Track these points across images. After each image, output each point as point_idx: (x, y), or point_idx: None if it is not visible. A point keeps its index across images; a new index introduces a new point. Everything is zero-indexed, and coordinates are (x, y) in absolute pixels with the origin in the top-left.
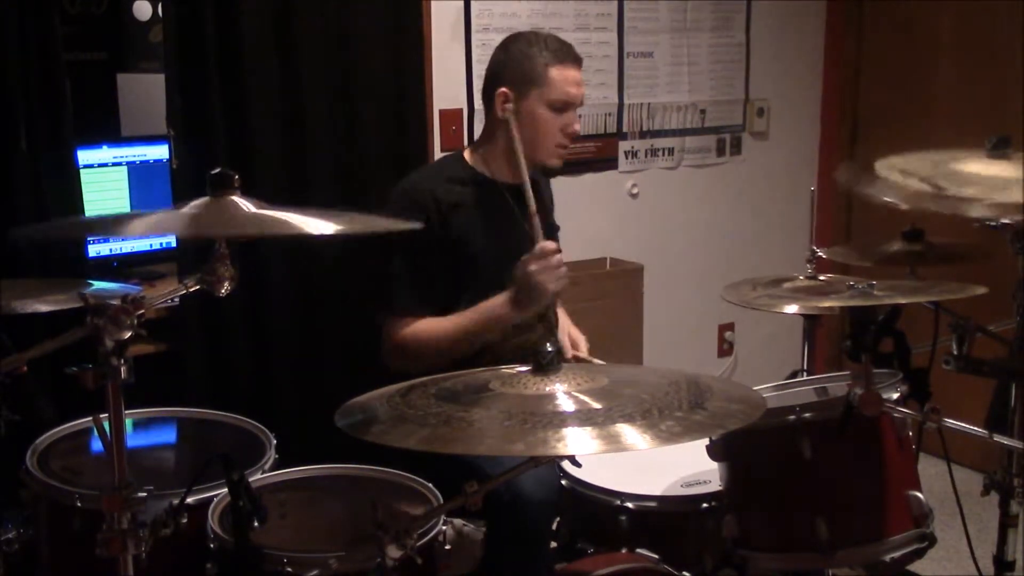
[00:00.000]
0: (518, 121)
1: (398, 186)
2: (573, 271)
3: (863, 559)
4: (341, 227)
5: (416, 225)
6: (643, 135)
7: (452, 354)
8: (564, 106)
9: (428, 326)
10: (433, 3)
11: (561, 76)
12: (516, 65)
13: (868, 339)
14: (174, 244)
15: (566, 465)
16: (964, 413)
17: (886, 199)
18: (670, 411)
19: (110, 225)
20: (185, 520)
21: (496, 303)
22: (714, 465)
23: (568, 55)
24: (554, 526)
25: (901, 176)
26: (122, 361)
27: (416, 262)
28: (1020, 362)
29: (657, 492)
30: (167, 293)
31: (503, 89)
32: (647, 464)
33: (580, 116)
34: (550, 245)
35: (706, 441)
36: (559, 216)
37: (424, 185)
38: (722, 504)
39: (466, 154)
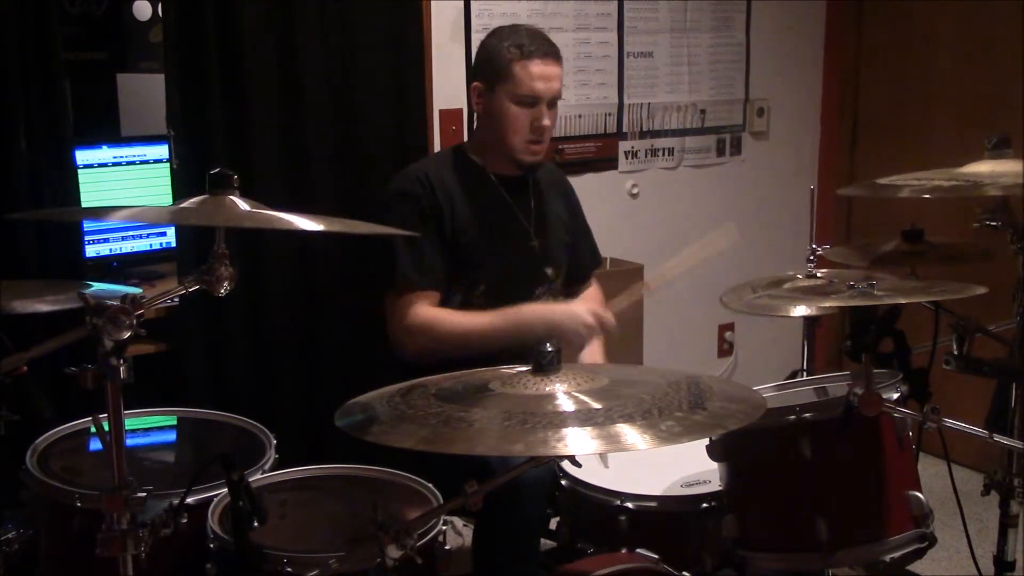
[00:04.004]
0: (489, 115)
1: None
2: None
3: (863, 559)
4: (325, 226)
5: (405, 233)
6: (643, 135)
7: (475, 348)
8: (531, 101)
9: (453, 316)
10: (433, 3)
11: (525, 71)
12: (486, 60)
13: (868, 339)
14: (173, 244)
15: (566, 465)
16: (964, 413)
17: (903, 195)
18: (670, 411)
19: (103, 210)
20: (185, 520)
21: (530, 311)
22: (714, 465)
23: (537, 50)
24: (553, 526)
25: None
26: (121, 361)
27: (410, 236)
28: (1020, 362)
29: (657, 492)
30: (166, 293)
31: (475, 84)
32: (647, 464)
33: (553, 110)
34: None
35: (706, 441)
36: None
37: (419, 168)
38: (722, 504)
39: (465, 145)
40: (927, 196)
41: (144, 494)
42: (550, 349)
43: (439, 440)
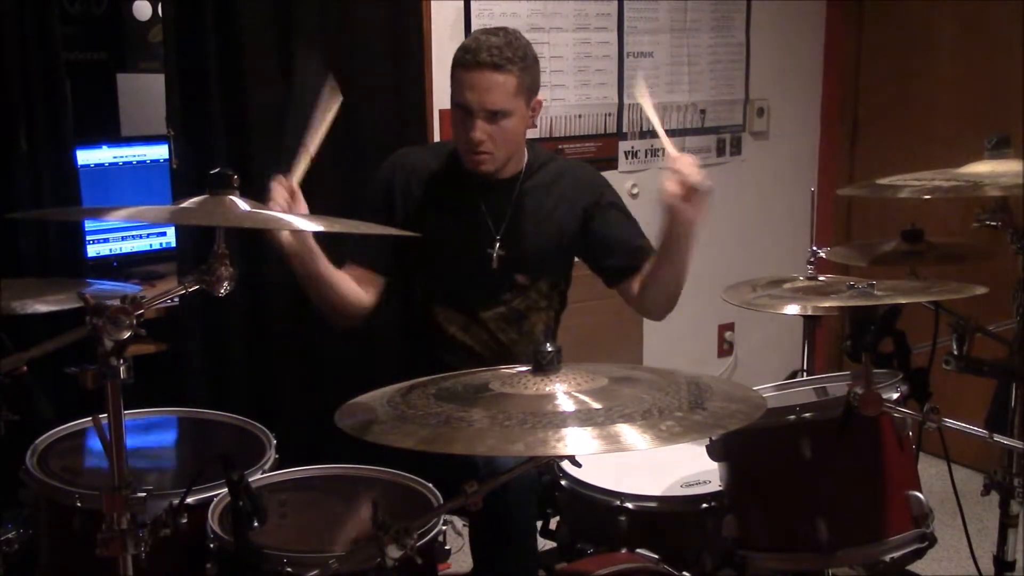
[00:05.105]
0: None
1: None
2: (573, 271)
3: (863, 559)
4: (325, 227)
5: (407, 233)
6: (643, 135)
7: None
8: (464, 109)
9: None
10: (433, 3)
11: (458, 78)
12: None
13: (868, 339)
14: (173, 244)
15: (566, 465)
16: (964, 413)
17: (903, 195)
18: (670, 411)
19: (103, 210)
20: (185, 520)
21: None
22: (714, 465)
23: (473, 58)
24: (553, 526)
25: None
26: (121, 361)
27: (363, 219)
28: (1020, 362)
29: (657, 492)
30: (166, 293)
31: None
32: (647, 464)
33: (495, 125)
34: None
35: (706, 441)
36: None
37: (405, 153)
38: (722, 504)
39: None
40: (927, 196)
41: (144, 494)
42: (550, 349)
43: (439, 440)
